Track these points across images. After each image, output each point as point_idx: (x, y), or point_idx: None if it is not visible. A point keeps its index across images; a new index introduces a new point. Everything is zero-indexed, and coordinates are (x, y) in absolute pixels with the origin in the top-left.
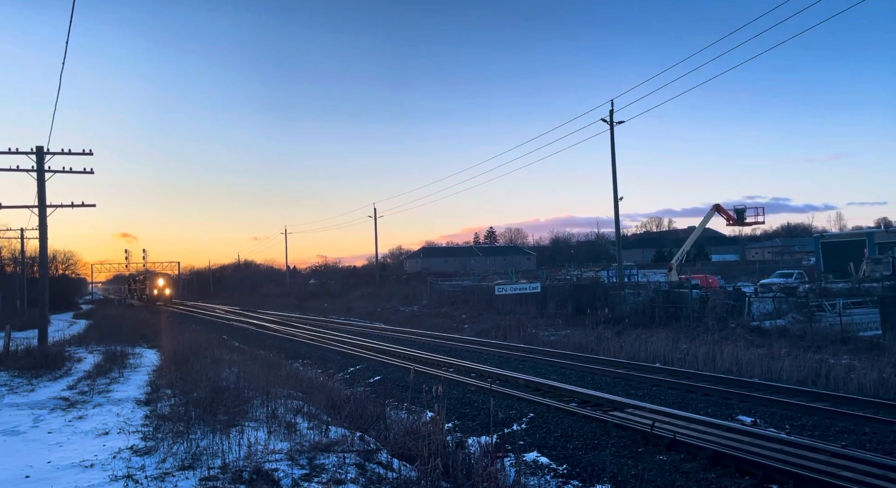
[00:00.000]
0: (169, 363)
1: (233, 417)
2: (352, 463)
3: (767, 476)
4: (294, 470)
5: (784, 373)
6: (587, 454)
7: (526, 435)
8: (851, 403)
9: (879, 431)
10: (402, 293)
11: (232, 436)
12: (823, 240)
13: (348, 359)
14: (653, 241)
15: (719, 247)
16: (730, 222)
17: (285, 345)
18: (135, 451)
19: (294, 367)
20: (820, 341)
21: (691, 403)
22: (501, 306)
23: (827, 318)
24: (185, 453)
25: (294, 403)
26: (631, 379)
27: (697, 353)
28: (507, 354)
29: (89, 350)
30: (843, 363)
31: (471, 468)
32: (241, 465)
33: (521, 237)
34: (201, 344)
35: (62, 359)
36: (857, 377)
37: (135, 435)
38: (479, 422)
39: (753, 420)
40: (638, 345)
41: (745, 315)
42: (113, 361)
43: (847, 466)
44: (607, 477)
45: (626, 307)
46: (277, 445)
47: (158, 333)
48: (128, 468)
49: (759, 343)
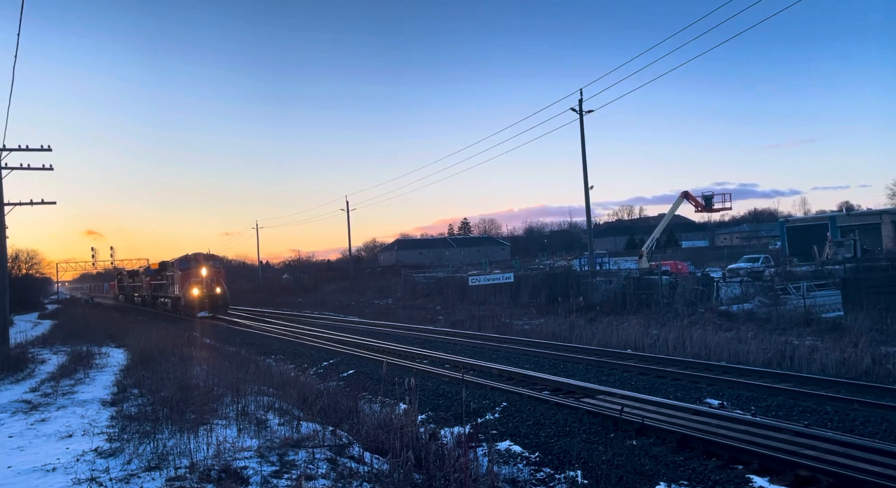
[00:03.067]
0: (136, 362)
1: (202, 415)
2: (323, 458)
3: (733, 457)
4: (264, 468)
5: (751, 356)
6: (559, 441)
7: (499, 425)
8: (814, 383)
9: (840, 410)
10: (377, 286)
11: (200, 435)
12: (788, 225)
13: (322, 354)
14: (624, 229)
15: (689, 233)
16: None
17: (257, 341)
18: (99, 453)
19: (266, 363)
20: (785, 323)
21: (661, 388)
22: (476, 297)
23: (792, 301)
24: (151, 453)
25: (265, 399)
26: (602, 366)
27: (668, 339)
28: (481, 345)
29: (54, 351)
30: (807, 344)
31: (443, 459)
32: (209, 464)
33: (496, 227)
34: (170, 341)
35: (25, 361)
36: (819, 357)
37: (100, 437)
38: (452, 413)
39: (721, 402)
40: (610, 331)
41: (713, 300)
42: (78, 362)
43: (809, 444)
44: (578, 463)
45: (598, 295)
46: (247, 442)
47: (126, 332)
48: (91, 471)
49: (727, 327)
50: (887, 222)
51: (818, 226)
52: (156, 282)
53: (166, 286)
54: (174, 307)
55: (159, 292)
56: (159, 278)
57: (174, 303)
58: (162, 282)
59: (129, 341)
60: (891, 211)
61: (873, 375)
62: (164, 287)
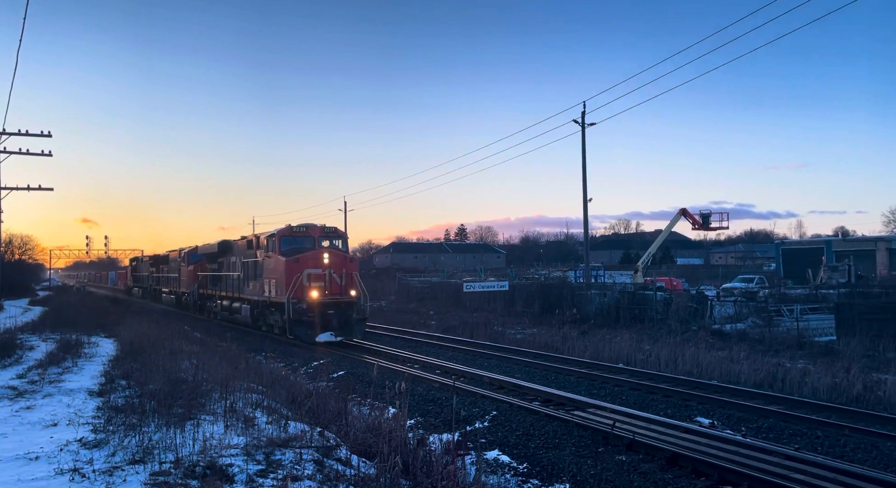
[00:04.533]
0: (126, 353)
1: (189, 410)
2: (310, 459)
3: (723, 477)
4: (250, 466)
5: (742, 376)
6: (548, 453)
7: (488, 433)
8: (805, 407)
9: (831, 435)
10: (371, 288)
11: (187, 430)
12: (784, 247)
13: (312, 353)
14: (620, 243)
15: (685, 250)
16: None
17: (248, 338)
18: (84, 444)
19: (256, 360)
20: (777, 345)
21: (652, 404)
22: (470, 303)
23: (785, 323)
24: (136, 446)
25: (254, 397)
26: (594, 379)
27: (660, 355)
28: (473, 351)
29: (43, 338)
30: (799, 367)
31: (431, 466)
32: (194, 460)
33: (492, 235)
34: (161, 334)
35: (13, 347)
36: (811, 381)
37: (85, 427)
38: (441, 419)
39: (711, 422)
40: (602, 345)
41: (706, 318)
42: (67, 350)
43: (799, 468)
44: (567, 476)
45: (591, 307)
46: (234, 440)
47: (117, 322)
48: (75, 461)
49: (719, 346)
50: (882, 249)
51: (813, 249)
52: (209, 273)
53: (237, 281)
54: (257, 319)
55: (219, 290)
56: (219, 267)
57: (259, 312)
58: (226, 274)
59: (119, 332)
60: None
61: (864, 401)
62: (232, 283)
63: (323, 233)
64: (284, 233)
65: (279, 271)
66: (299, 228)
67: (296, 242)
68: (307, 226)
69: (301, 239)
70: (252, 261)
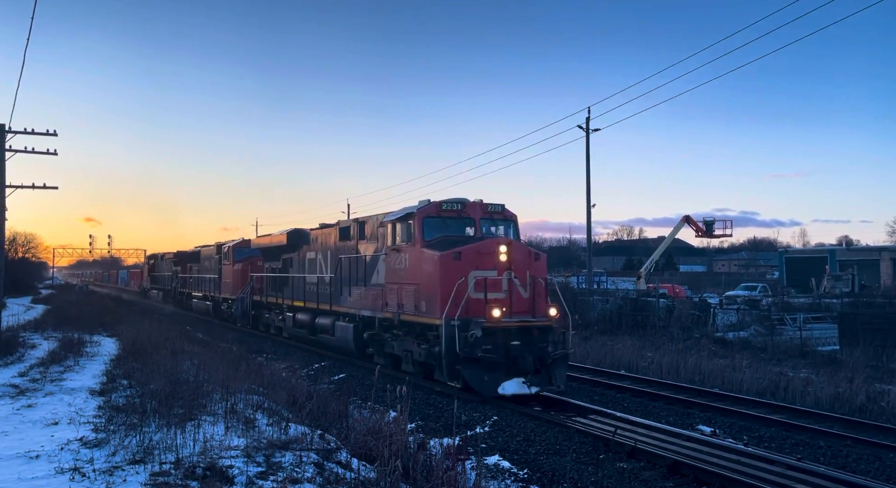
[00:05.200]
0: (128, 353)
1: (190, 411)
2: (310, 461)
3: (724, 486)
4: (250, 468)
5: (745, 385)
6: (548, 459)
7: (489, 438)
8: (808, 416)
9: (833, 445)
10: None
11: (188, 431)
12: (787, 255)
13: (313, 356)
14: (623, 249)
15: (688, 257)
16: (699, 234)
17: (249, 339)
18: (84, 443)
19: (257, 362)
20: (780, 354)
21: (654, 411)
22: None
23: (788, 332)
24: (137, 446)
25: (254, 398)
26: (596, 385)
27: (662, 362)
28: None
29: (45, 336)
30: (802, 376)
31: (431, 470)
32: (195, 461)
33: None
34: (163, 334)
35: (15, 345)
36: (814, 391)
37: (85, 427)
38: (442, 424)
39: (713, 430)
40: (604, 351)
41: (709, 326)
42: (69, 348)
43: (801, 479)
44: (568, 482)
45: (594, 313)
46: (234, 441)
47: (119, 321)
48: (75, 460)
49: (721, 353)
50: (886, 259)
51: (817, 258)
52: (269, 274)
53: (325, 287)
54: (366, 345)
55: (287, 298)
56: (284, 266)
57: (376, 335)
58: (298, 275)
59: (121, 331)
60: (890, 248)
61: (867, 412)
62: (313, 289)
63: (486, 213)
64: (429, 213)
65: (424, 273)
66: (451, 205)
67: (446, 227)
68: (462, 202)
69: (454, 222)
70: (353, 257)
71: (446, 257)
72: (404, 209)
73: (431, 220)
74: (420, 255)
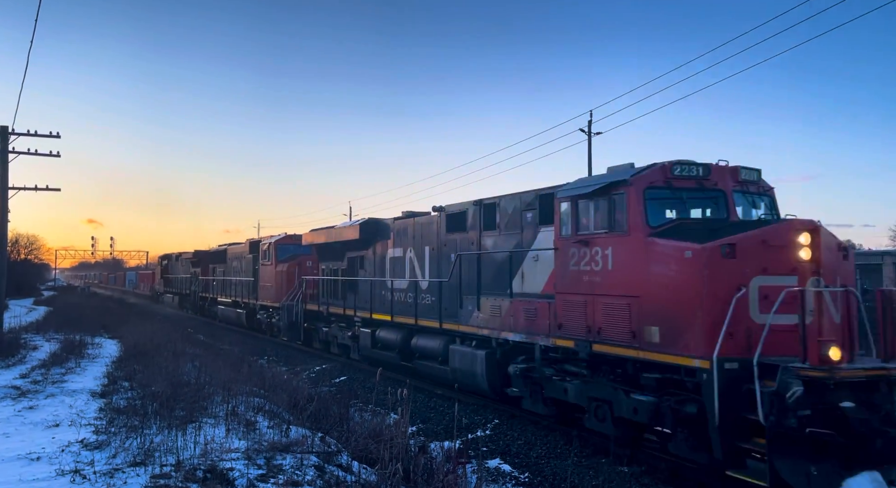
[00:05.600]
0: (129, 355)
1: (191, 413)
2: (310, 464)
3: None
4: (250, 470)
5: None
6: (550, 463)
7: (490, 442)
8: None
9: None
10: None
11: (189, 433)
12: None
13: (314, 359)
14: None
15: None
16: None
17: (250, 341)
18: (85, 445)
19: (258, 364)
20: None
21: None
22: None
23: None
24: (137, 449)
25: (255, 401)
26: None
27: None
28: None
29: (47, 338)
30: None
31: (432, 473)
32: (195, 463)
33: None
34: (164, 336)
35: (17, 347)
36: None
37: (86, 429)
38: (443, 427)
39: None
40: None
41: None
42: (71, 350)
43: None
44: (568, 486)
45: None
46: (235, 443)
47: (121, 323)
48: (76, 462)
49: None
50: (889, 263)
51: None
52: (332, 276)
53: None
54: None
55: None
56: (351, 267)
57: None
58: (379, 279)
59: (123, 333)
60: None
61: None
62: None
63: (738, 182)
64: (653, 181)
65: (654, 279)
66: (687, 169)
67: (680, 205)
68: (704, 166)
69: (691, 197)
70: (477, 254)
71: (710, 253)
72: (596, 177)
73: (657, 193)
74: (645, 249)
